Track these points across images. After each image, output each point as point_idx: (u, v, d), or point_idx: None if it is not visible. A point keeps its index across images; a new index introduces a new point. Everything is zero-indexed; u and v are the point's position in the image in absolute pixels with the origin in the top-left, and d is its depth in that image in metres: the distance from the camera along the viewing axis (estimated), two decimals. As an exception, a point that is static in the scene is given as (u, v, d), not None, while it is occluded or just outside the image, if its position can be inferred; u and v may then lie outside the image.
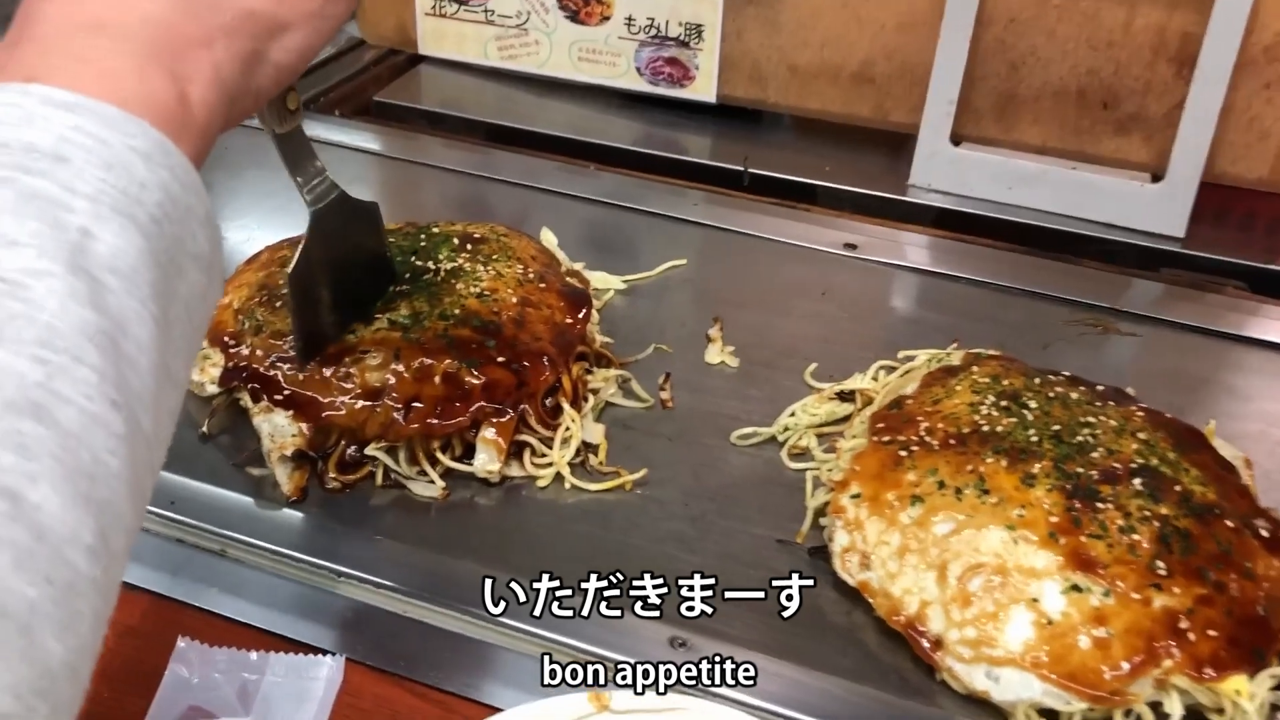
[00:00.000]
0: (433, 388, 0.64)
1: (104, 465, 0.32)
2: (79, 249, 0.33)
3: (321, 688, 0.55)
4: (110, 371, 0.33)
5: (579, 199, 0.97)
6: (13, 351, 0.31)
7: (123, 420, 0.33)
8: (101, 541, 0.31)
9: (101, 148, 0.35)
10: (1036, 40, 0.94)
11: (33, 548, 0.29)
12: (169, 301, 0.36)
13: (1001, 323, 0.82)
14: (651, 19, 1.04)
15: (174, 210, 0.37)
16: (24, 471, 0.30)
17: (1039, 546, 0.57)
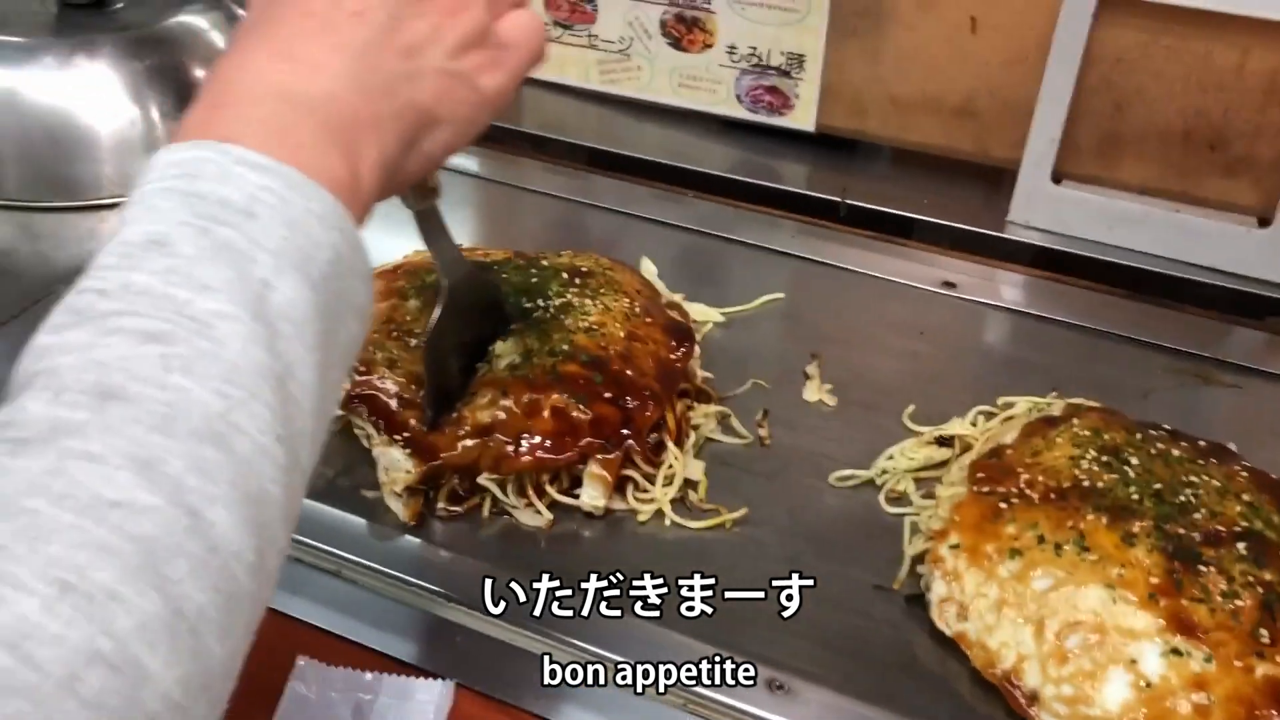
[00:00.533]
0: (542, 422, 0.66)
1: (268, 493, 0.36)
2: (260, 298, 0.37)
3: (431, 711, 0.57)
4: (279, 410, 0.37)
5: (673, 226, 0.98)
6: (199, 383, 0.35)
7: (285, 454, 0.37)
8: (260, 560, 0.35)
9: (285, 207, 0.39)
10: (1143, 80, 0.93)
11: (206, 559, 0.33)
12: (329, 349, 0.40)
13: (1100, 369, 0.82)
14: (754, 48, 1.05)
15: (340, 268, 0.41)
16: (204, 493, 0.33)
17: (1138, 607, 0.57)
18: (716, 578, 0.60)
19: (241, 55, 0.45)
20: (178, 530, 0.32)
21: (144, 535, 0.32)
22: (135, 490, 0.32)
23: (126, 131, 0.96)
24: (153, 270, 0.36)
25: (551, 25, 1.12)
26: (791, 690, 0.57)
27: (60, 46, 0.96)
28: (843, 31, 1.02)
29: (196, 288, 0.36)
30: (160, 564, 0.32)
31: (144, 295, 0.36)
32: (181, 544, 0.32)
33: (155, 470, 0.33)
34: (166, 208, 0.38)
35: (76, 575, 0.30)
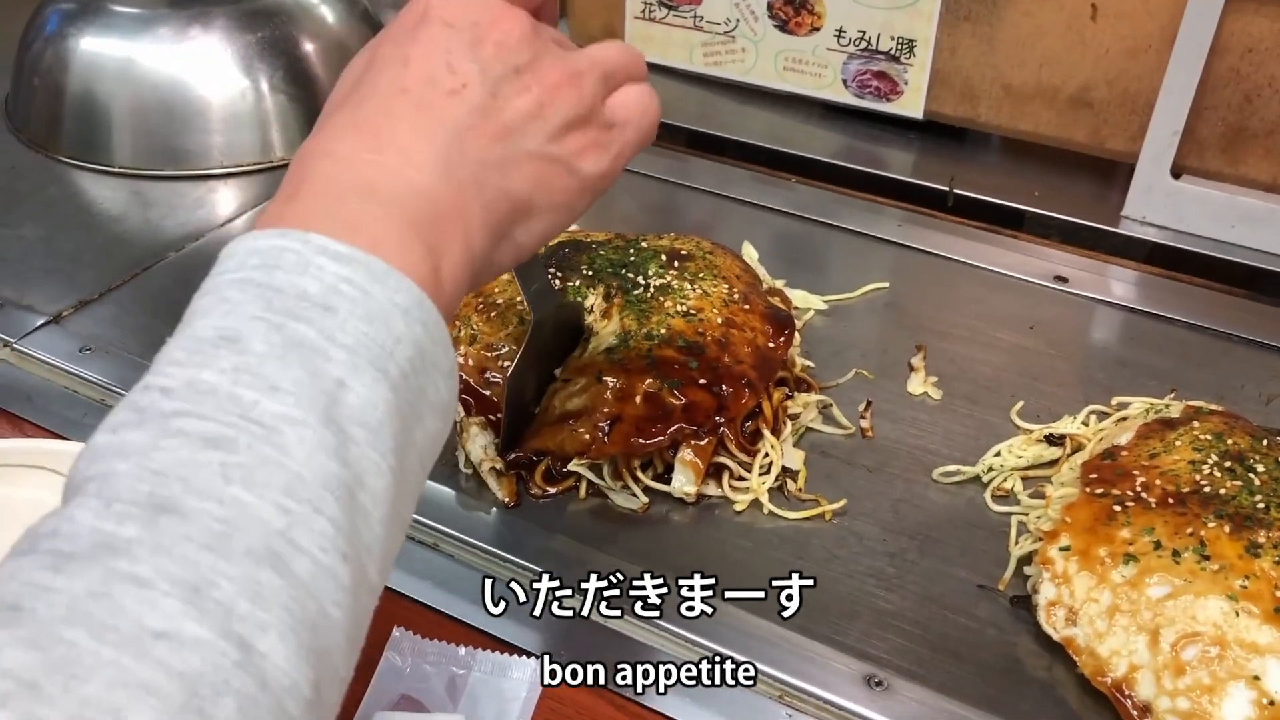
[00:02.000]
0: (634, 407, 0.65)
1: (328, 617, 0.33)
2: (333, 400, 0.35)
3: (524, 689, 0.57)
4: (345, 525, 0.34)
5: (774, 211, 0.97)
6: (259, 496, 0.32)
7: (350, 573, 0.34)
8: (316, 693, 0.32)
9: (366, 300, 0.37)
10: (1276, 71, 0.89)
11: (257, 697, 0.30)
12: (406, 452, 0.37)
13: (1219, 372, 0.79)
14: (863, 32, 1.03)
15: (422, 364, 0.38)
16: (257, 621, 0.31)
17: (1263, 621, 0.54)
18: (815, 578, 0.59)
19: (327, 139, 0.42)
20: (226, 665, 0.30)
21: (188, 672, 0.29)
22: (182, 620, 0.30)
23: (237, 103, 0.97)
24: (220, 369, 0.34)
25: (656, 5, 1.11)
26: (891, 687, 0.56)
27: (175, 18, 0.98)
28: (956, 16, 0.99)
29: (265, 389, 0.34)
30: (204, 705, 0.29)
31: (209, 396, 0.34)
32: (229, 681, 0.30)
33: (205, 596, 0.30)
34: (240, 300, 0.36)
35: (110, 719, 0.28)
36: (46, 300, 0.81)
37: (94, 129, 0.98)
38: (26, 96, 1.02)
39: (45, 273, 0.85)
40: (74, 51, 0.98)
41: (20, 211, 0.93)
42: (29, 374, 0.75)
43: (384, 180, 0.41)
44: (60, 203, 0.95)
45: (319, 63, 1.01)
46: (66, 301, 0.81)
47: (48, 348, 0.76)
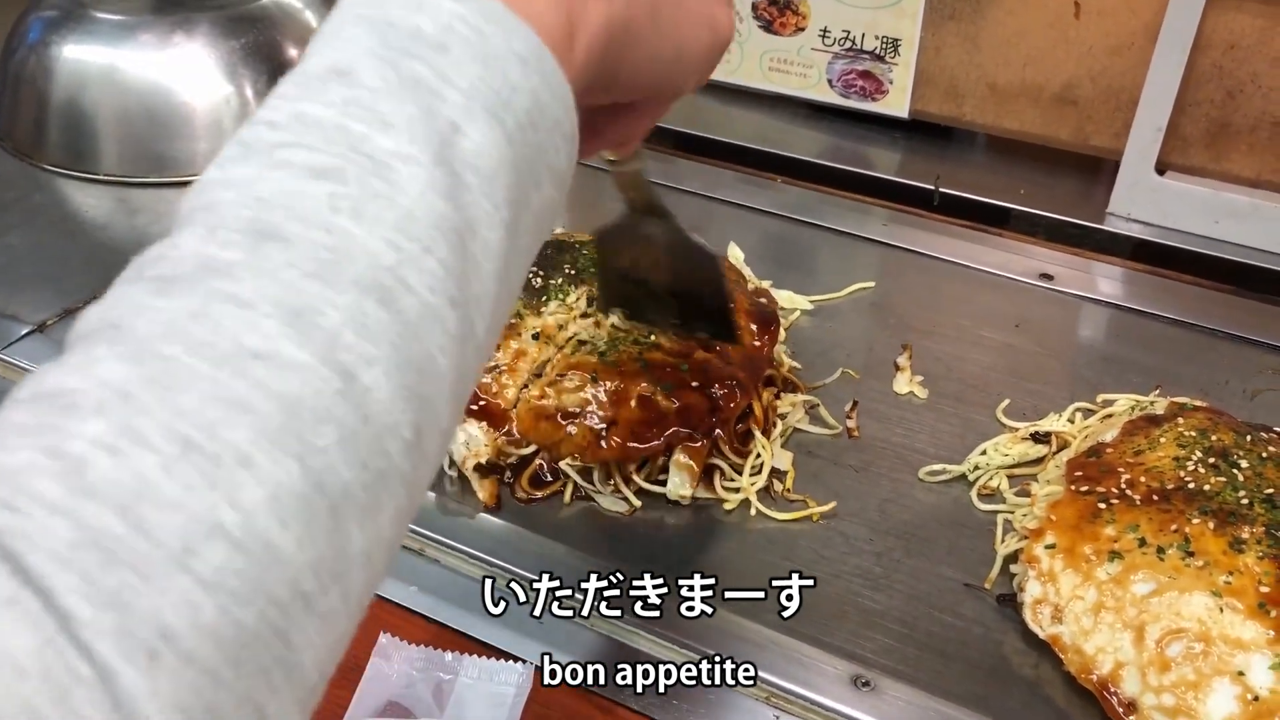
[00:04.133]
0: (628, 411, 0.65)
1: (433, 362, 0.31)
2: (446, 141, 0.33)
3: (512, 694, 0.57)
4: (455, 269, 0.32)
5: (760, 212, 0.97)
6: (368, 229, 0.30)
7: (458, 321, 0.32)
8: (416, 438, 0.31)
9: (481, 41, 0.34)
10: (1258, 67, 0.89)
11: (358, 430, 0.29)
12: (520, 210, 0.35)
13: (1204, 367, 0.79)
14: (847, 31, 1.03)
15: (541, 119, 0.35)
16: (362, 353, 0.29)
17: (1246, 616, 0.54)
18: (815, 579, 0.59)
19: None
20: (327, 392, 0.28)
21: (288, 394, 0.28)
22: (282, 342, 0.28)
23: (221, 109, 0.97)
24: (329, 101, 0.32)
25: (641, 7, 1.10)
26: (878, 687, 0.56)
27: (159, 25, 0.98)
28: (940, 15, 0.99)
29: (376, 123, 0.32)
30: (303, 429, 0.28)
31: (317, 128, 0.32)
32: (330, 409, 0.28)
33: (308, 321, 0.29)
34: (352, 35, 0.34)
35: (205, 434, 0.26)
36: (31, 309, 0.81)
37: (78, 137, 0.98)
38: (10, 105, 1.02)
39: (30, 281, 0.85)
40: (57, 59, 0.97)
41: (5, 220, 0.93)
42: (12, 384, 0.74)
43: None
44: (45, 211, 0.95)
45: (303, 68, 1.01)
46: (51, 310, 0.81)
47: (32, 357, 0.76)
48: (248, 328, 0.28)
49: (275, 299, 0.29)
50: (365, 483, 0.29)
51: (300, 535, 0.27)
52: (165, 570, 0.25)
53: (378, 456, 0.29)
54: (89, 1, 1.00)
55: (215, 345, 0.28)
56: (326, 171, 0.31)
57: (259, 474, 0.27)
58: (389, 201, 0.31)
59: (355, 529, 0.29)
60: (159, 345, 0.28)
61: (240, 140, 0.33)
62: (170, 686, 0.24)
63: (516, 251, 0.35)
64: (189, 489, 0.26)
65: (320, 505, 0.28)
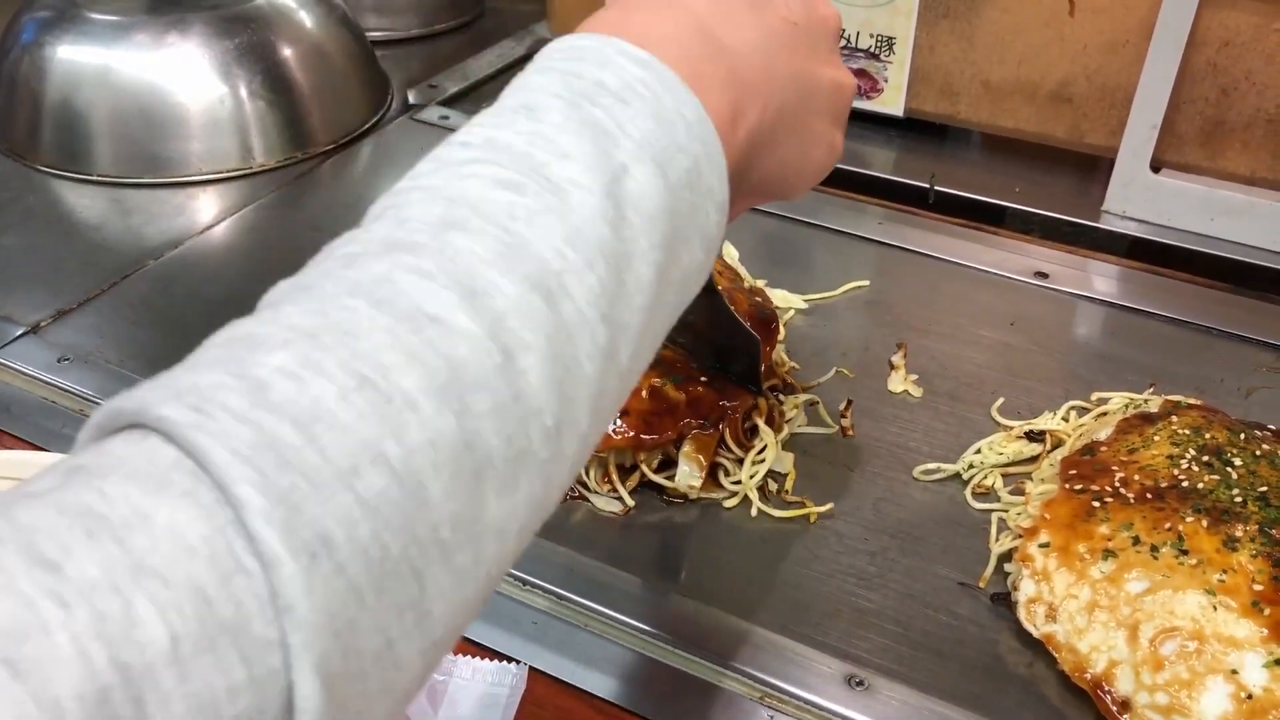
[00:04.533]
0: (639, 401, 0.65)
1: (580, 366, 0.34)
2: (615, 179, 0.36)
3: (506, 694, 0.57)
4: (610, 290, 0.35)
5: (755, 210, 0.97)
6: (542, 238, 0.34)
7: (607, 336, 0.35)
8: (556, 429, 0.33)
9: (656, 102, 0.38)
10: (1253, 65, 0.89)
11: (509, 405, 0.31)
12: (672, 261, 0.38)
13: (1199, 365, 0.79)
14: (842, 30, 1.02)
15: (698, 182, 0.39)
16: (521, 339, 0.32)
17: (1240, 615, 0.54)
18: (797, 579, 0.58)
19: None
20: (489, 364, 0.31)
21: (455, 357, 0.30)
22: (456, 312, 0.31)
23: (216, 109, 0.97)
24: (517, 131, 0.36)
25: (636, 6, 1.10)
26: (871, 687, 0.56)
27: (153, 25, 0.98)
28: (935, 13, 0.99)
29: (556, 153, 0.36)
30: (464, 390, 0.30)
31: (505, 151, 0.36)
32: (489, 379, 0.31)
33: (481, 301, 0.31)
34: (541, 83, 0.38)
35: (380, 374, 0.29)
36: (25, 310, 0.81)
37: (72, 137, 0.98)
38: (4, 105, 1.02)
39: (24, 282, 0.85)
40: (51, 60, 0.97)
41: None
42: (7, 385, 0.74)
43: (720, 31, 0.43)
44: (39, 212, 0.95)
45: (297, 68, 1.01)
46: (45, 311, 0.81)
47: (26, 358, 0.76)
48: (427, 295, 0.31)
49: (453, 276, 0.32)
50: (507, 456, 0.31)
51: (447, 485, 0.29)
52: (332, 483, 0.27)
53: (521, 436, 0.32)
54: (83, 2, 1.00)
55: (395, 304, 0.30)
56: (509, 184, 0.35)
57: (422, 418, 0.29)
58: (560, 217, 0.34)
59: (492, 497, 0.31)
60: (343, 299, 0.31)
61: (434, 156, 0.37)
62: (324, 590, 0.26)
63: (663, 300, 0.38)
64: (361, 417, 0.28)
65: (467, 463, 0.30)
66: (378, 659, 0.28)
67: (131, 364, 0.76)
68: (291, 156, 1.01)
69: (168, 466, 0.26)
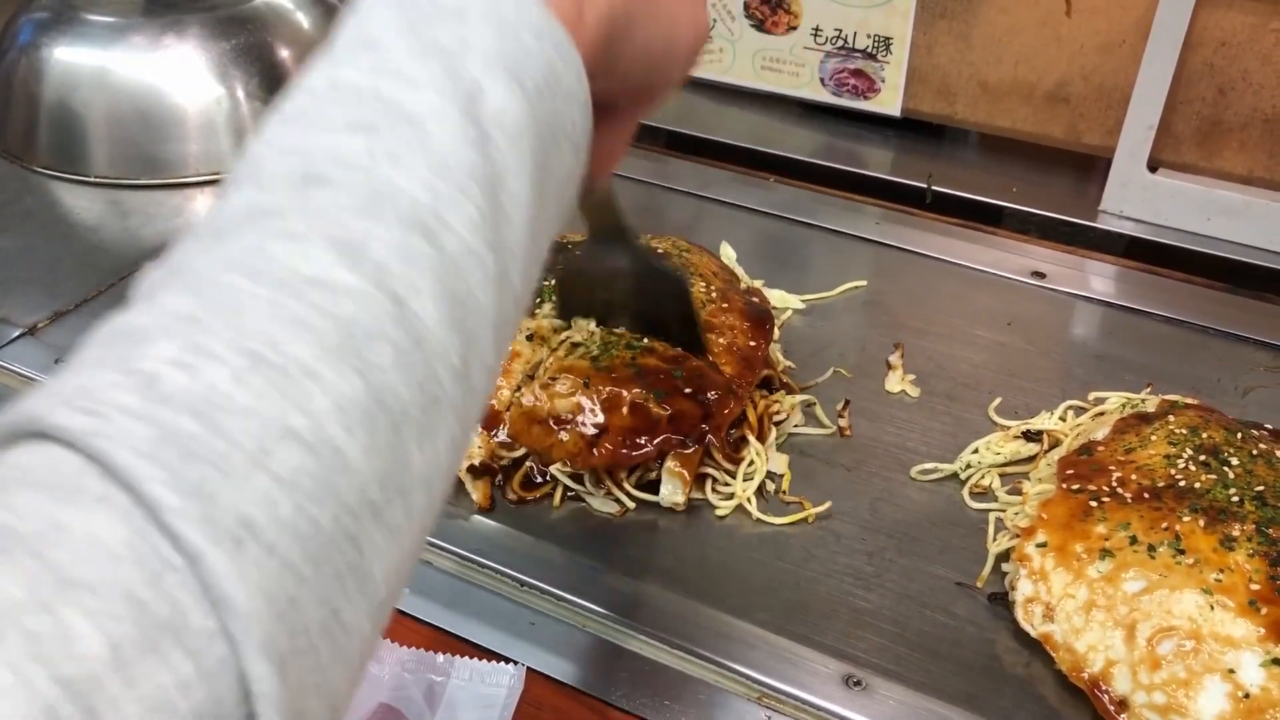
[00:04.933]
0: (620, 418, 0.65)
1: (474, 299, 0.33)
2: (471, 98, 0.34)
3: (504, 695, 0.57)
4: (490, 215, 0.34)
5: (753, 211, 0.97)
6: (407, 175, 0.32)
7: (495, 262, 0.34)
8: (464, 367, 0.32)
9: (495, 12, 0.36)
10: (1249, 65, 0.89)
11: (411, 352, 0.30)
12: (545, 173, 0.37)
13: (1196, 365, 0.79)
14: (839, 30, 1.03)
15: (557, 86, 0.37)
16: (409, 282, 0.31)
17: (1237, 614, 0.54)
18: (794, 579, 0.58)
19: None
20: (381, 315, 0.30)
21: (344, 316, 0.29)
22: (335, 269, 0.30)
23: (213, 110, 0.97)
24: (359, 67, 0.35)
25: (633, 7, 1.10)
26: (869, 687, 0.56)
27: (149, 26, 0.98)
28: (932, 14, 0.99)
29: (404, 82, 0.34)
30: (361, 347, 0.29)
31: (350, 90, 0.34)
32: (385, 329, 0.30)
33: (358, 252, 0.30)
34: (375, 11, 0.36)
35: (271, 348, 0.28)
36: (22, 312, 0.81)
37: (70, 139, 0.97)
38: (1, 107, 1.02)
39: (21, 284, 0.85)
40: (48, 61, 0.97)
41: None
42: (4, 386, 0.75)
43: None
44: (36, 213, 0.95)
45: (294, 69, 1.01)
46: (42, 313, 0.81)
47: (23, 360, 0.76)
48: (302, 258, 0.30)
49: (324, 232, 0.30)
50: (422, 405, 0.30)
51: (366, 445, 0.29)
52: (243, 468, 0.26)
53: (431, 381, 0.31)
54: (79, 3, 1.00)
55: (272, 273, 0.29)
56: (363, 126, 0.33)
57: (324, 385, 0.28)
58: (424, 149, 0.33)
59: (414, 448, 0.30)
60: (219, 276, 0.30)
61: (278, 109, 0.35)
62: (256, 574, 0.26)
63: (543, 213, 0.37)
64: (260, 396, 0.27)
65: (383, 420, 0.29)
66: (325, 630, 0.27)
67: (129, 365, 0.76)
68: (289, 158, 1.01)
69: (74, 474, 0.26)
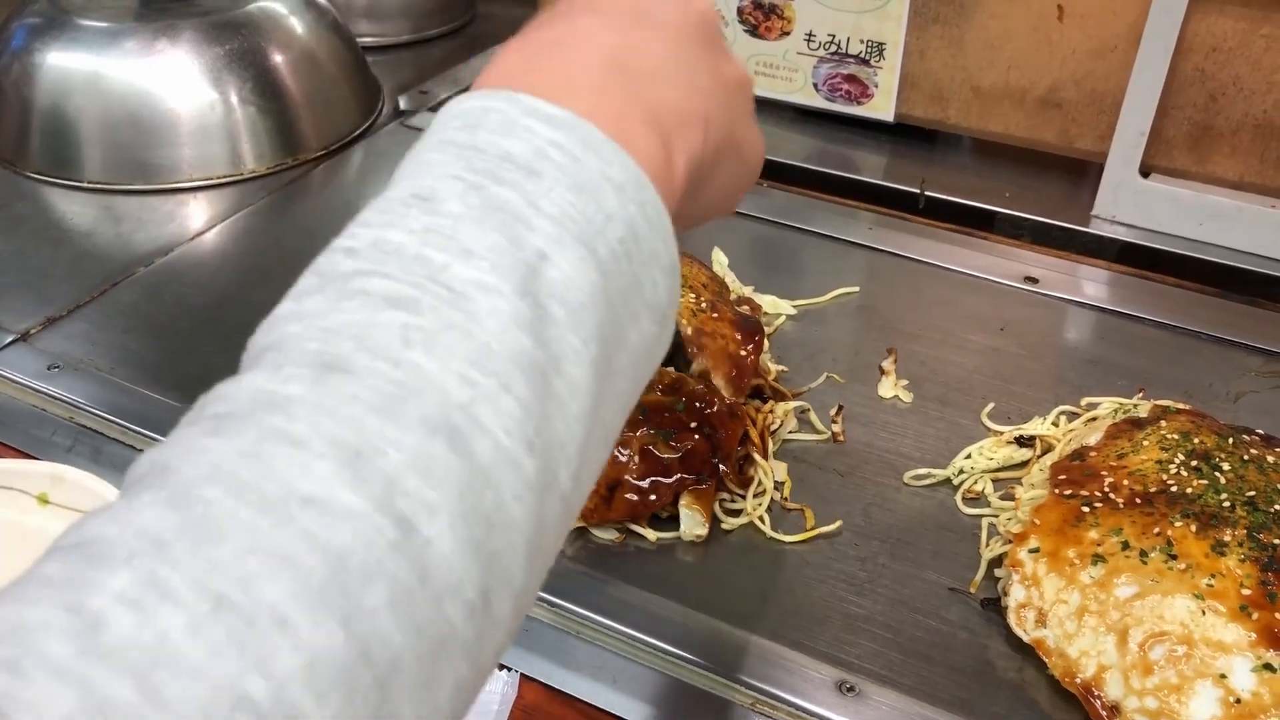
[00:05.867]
0: (631, 467, 0.64)
1: (505, 512, 0.28)
2: (532, 271, 0.30)
3: (496, 701, 0.57)
4: (535, 409, 0.29)
5: (746, 216, 0.97)
6: (441, 363, 0.28)
7: (536, 466, 0.29)
8: (483, 600, 0.27)
9: (575, 167, 0.32)
10: (1240, 70, 0.90)
11: (413, 589, 0.26)
12: (615, 348, 0.33)
13: (1188, 370, 0.79)
14: (832, 35, 1.03)
15: (637, 250, 0.33)
16: (424, 501, 0.26)
17: (1229, 619, 0.55)
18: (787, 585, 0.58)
19: (568, 18, 0.38)
20: (380, 544, 0.25)
21: (335, 546, 0.25)
22: (336, 486, 0.26)
23: (206, 116, 0.97)
24: (410, 229, 0.30)
25: (627, 12, 1.10)
26: (862, 692, 0.56)
27: (143, 31, 0.98)
28: (925, 19, 1.00)
29: (457, 252, 0.30)
30: (350, 586, 0.25)
31: (395, 256, 0.30)
32: (383, 563, 0.25)
33: (366, 463, 0.26)
34: (437, 160, 0.32)
35: (240, 590, 0.24)
36: (15, 318, 0.81)
37: (62, 144, 0.97)
38: (-6, 112, 1.02)
39: (13, 289, 0.85)
40: (41, 66, 0.97)
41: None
42: None
43: (632, 60, 0.36)
44: (29, 219, 0.95)
45: (288, 74, 1.01)
46: (35, 319, 0.81)
47: (16, 366, 0.76)
48: (300, 470, 0.26)
49: (332, 437, 0.26)
50: (420, 653, 0.26)
51: (338, 711, 0.24)
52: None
53: (436, 622, 0.26)
54: (72, 8, 1.00)
55: (261, 489, 0.25)
56: (401, 301, 0.29)
57: (296, 638, 0.24)
58: (465, 334, 0.29)
59: (406, 705, 0.26)
60: (201, 488, 0.26)
61: (315, 269, 0.31)
62: None
63: (610, 393, 0.33)
64: (215, 654, 0.23)
65: (364, 677, 0.25)
66: None
67: (122, 371, 0.76)
68: (282, 163, 1.01)
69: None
